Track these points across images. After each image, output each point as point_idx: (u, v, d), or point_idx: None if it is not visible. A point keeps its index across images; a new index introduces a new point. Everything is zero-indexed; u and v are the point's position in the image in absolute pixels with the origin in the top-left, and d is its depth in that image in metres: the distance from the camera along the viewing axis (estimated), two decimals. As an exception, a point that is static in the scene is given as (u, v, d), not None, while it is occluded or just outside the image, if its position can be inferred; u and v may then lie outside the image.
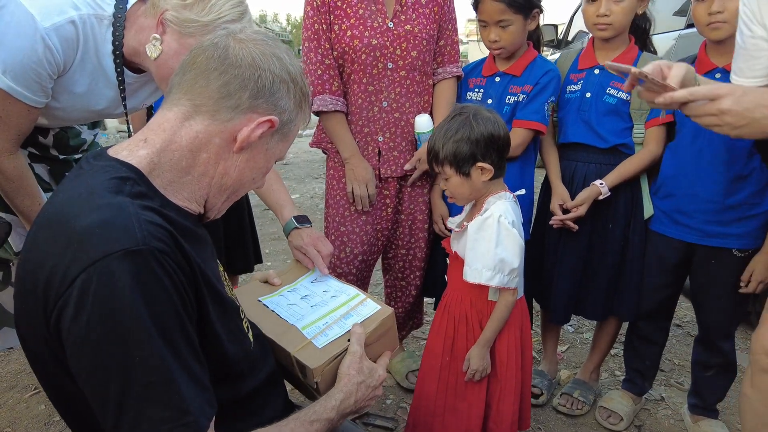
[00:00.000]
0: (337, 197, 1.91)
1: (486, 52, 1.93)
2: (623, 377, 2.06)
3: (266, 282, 1.32)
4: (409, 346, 2.37)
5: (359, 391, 1.05)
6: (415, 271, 2.05)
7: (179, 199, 0.88)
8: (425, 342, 1.62)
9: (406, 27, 1.76)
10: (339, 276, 1.87)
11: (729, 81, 1.59)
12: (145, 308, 0.70)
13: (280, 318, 1.17)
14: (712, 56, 1.64)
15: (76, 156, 1.65)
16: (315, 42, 1.77)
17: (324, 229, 1.97)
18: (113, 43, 1.27)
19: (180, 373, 0.72)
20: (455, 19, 1.90)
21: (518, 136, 1.77)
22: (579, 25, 5.52)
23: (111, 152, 0.88)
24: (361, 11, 1.74)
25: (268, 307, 1.21)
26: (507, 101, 1.84)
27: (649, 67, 1.15)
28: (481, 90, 1.91)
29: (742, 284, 1.66)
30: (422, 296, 2.19)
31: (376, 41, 1.74)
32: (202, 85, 0.85)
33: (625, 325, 2.02)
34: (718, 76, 1.63)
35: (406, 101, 1.83)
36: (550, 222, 1.82)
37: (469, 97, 1.92)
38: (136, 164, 0.84)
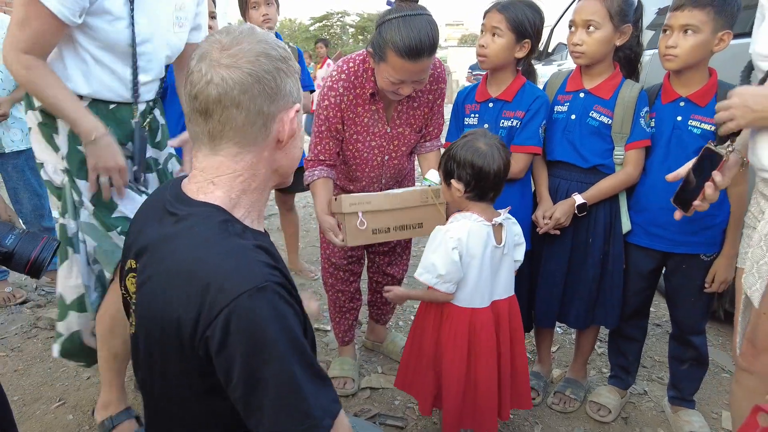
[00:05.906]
0: None
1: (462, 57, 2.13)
2: (609, 374, 2.23)
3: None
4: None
5: None
6: (401, 264, 2.37)
7: (254, 225, 1.00)
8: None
9: (399, 130, 2.06)
10: (333, 264, 2.26)
11: (691, 110, 1.78)
12: (277, 330, 0.85)
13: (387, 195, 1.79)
14: (675, 86, 1.83)
15: (162, 154, 1.85)
16: (324, 119, 1.97)
17: (319, 233, 2.20)
18: None
19: (306, 384, 0.87)
20: (443, 104, 2.13)
21: (520, 161, 1.93)
22: (559, 37, 5.74)
23: (190, 195, 0.97)
24: (366, 120, 2.00)
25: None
26: (502, 125, 1.97)
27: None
28: (476, 115, 2.03)
29: (706, 285, 1.84)
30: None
31: (375, 143, 2.05)
32: (231, 126, 0.92)
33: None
34: (682, 104, 1.80)
35: (399, 180, 2.19)
36: (537, 229, 1.96)
37: (466, 123, 2.05)
38: (221, 204, 0.95)
